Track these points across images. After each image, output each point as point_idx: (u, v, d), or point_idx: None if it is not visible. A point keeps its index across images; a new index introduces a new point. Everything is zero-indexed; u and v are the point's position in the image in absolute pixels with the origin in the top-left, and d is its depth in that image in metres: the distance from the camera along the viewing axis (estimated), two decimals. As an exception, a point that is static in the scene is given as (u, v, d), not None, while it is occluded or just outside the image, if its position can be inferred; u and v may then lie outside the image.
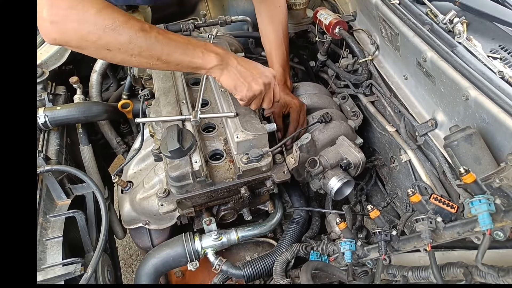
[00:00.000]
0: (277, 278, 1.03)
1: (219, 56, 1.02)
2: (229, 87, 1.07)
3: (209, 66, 1.02)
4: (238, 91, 1.07)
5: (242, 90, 1.06)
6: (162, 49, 0.95)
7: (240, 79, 1.05)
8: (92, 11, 0.86)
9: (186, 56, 0.99)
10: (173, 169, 1.02)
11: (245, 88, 1.06)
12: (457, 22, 1.05)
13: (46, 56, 1.55)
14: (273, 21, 1.43)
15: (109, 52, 0.92)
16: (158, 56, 0.96)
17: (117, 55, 0.93)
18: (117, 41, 0.90)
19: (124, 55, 0.94)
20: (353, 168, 1.20)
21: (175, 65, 1.00)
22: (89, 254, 1.15)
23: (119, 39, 0.90)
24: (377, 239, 0.87)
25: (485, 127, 0.93)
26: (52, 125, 1.31)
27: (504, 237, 0.65)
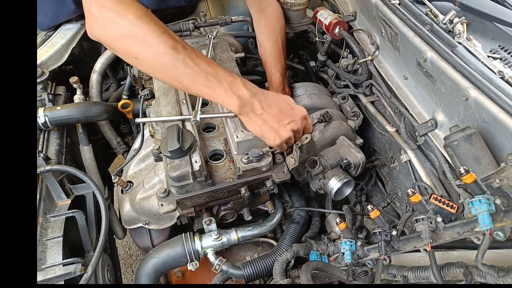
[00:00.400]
0: (277, 278, 1.03)
1: (241, 101, 0.97)
2: (256, 134, 1.03)
3: (229, 107, 0.99)
4: (266, 139, 1.03)
5: (270, 139, 1.02)
6: (185, 73, 0.93)
7: (266, 127, 1.00)
8: (131, 17, 0.88)
9: (208, 89, 0.95)
10: (173, 169, 1.02)
11: (272, 136, 1.01)
12: (457, 22, 1.05)
13: (46, 56, 1.55)
14: (273, 32, 1.44)
15: (137, 60, 0.93)
16: (180, 79, 0.94)
17: (143, 65, 0.95)
18: (145, 52, 0.91)
19: (150, 68, 0.95)
20: (353, 168, 1.20)
21: (195, 93, 0.99)
22: (89, 254, 1.15)
23: (147, 51, 0.91)
24: (377, 239, 0.87)
25: (485, 127, 0.93)
26: (52, 125, 1.31)
27: (504, 237, 0.65)
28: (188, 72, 0.93)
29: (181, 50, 0.92)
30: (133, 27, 0.89)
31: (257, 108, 0.99)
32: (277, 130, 1.01)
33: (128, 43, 0.91)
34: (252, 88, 1.01)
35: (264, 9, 1.49)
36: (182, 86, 0.97)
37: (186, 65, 0.92)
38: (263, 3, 1.51)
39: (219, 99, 0.98)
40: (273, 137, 1.01)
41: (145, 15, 0.90)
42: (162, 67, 0.93)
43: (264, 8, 1.49)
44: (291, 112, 1.03)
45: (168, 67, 0.92)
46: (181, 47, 0.92)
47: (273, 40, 1.43)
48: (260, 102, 0.99)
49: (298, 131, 1.07)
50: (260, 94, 1.01)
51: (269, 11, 1.49)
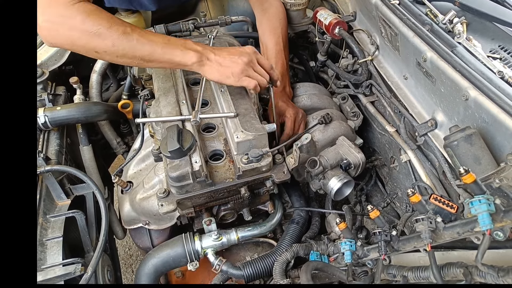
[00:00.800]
0: (277, 278, 1.03)
1: (197, 53, 1.07)
2: (215, 79, 1.12)
3: (189, 63, 1.08)
4: (225, 78, 1.11)
5: (229, 77, 1.10)
6: (143, 49, 1.03)
7: (222, 68, 1.09)
8: (79, 18, 0.96)
9: (166, 54, 1.05)
10: (173, 169, 1.02)
11: (229, 73, 1.09)
12: (457, 22, 1.05)
13: (46, 56, 1.55)
14: (274, 32, 1.46)
15: (98, 54, 1.03)
16: (140, 56, 1.04)
17: (104, 56, 1.04)
18: (102, 45, 1.00)
19: (111, 56, 1.03)
20: (353, 169, 1.20)
21: (158, 63, 1.07)
22: (89, 254, 1.15)
23: (104, 43, 0.99)
24: (377, 239, 0.87)
25: (485, 127, 0.93)
26: (52, 125, 1.31)
27: (504, 237, 0.65)
28: (144, 48, 1.03)
29: (131, 32, 1.01)
30: (84, 28, 0.97)
31: (211, 55, 1.09)
32: (230, 66, 1.09)
33: (84, 42, 0.99)
34: (201, 43, 1.13)
35: (267, 9, 1.51)
36: (145, 61, 1.06)
37: (140, 42, 1.02)
38: (266, 4, 1.52)
39: (178, 59, 1.07)
40: (230, 73, 1.09)
41: (91, 13, 0.98)
42: (122, 53, 1.02)
43: (267, 9, 1.51)
44: (240, 50, 1.14)
45: (126, 51, 1.02)
46: (130, 30, 1.01)
47: (274, 40, 1.44)
48: (212, 50, 1.11)
49: (252, 62, 1.12)
50: (208, 46, 1.15)
51: (271, 11, 1.50)
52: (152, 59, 1.05)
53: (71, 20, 0.96)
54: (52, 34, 1.00)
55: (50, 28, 0.98)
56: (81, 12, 0.97)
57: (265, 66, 1.17)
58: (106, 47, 1.00)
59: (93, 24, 0.97)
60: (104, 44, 0.99)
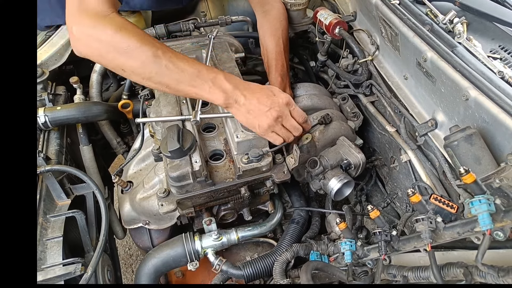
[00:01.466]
0: (277, 278, 1.03)
1: (225, 94, 1.01)
2: (243, 123, 1.07)
3: (216, 102, 1.03)
4: (251, 127, 1.05)
5: (255, 127, 1.04)
6: (171, 77, 0.98)
7: (249, 116, 1.03)
8: (110, 31, 0.92)
9: (194, 88, 1.00)
10: (173, 169, 1.02)
11: (256, 124, 1.03)
12: (457, 22, 1.05)
13: (46, 56, 1.55)
14: (275, 34, 1.45)
15: (125, 72, 0.99)
16: (167, 83, 0.99)
17: (131, 76, 1.00)
18: (129, 63, 0.96)
19: (138, 77, 0.99)
20: (354, 169, 1.20)
21: (184, 94, 1.04)
22: (89, 254, 1.15)
23: (131, 63, 0.95)
24: (377, 239, 0.87)
25: (485, 127, 0.93)
26: (52, 125, 1.31)
27: (504, 237, 0.65)
28: (172, 76, 0.97)
29: (162, 56, 0.96)
30: (114, 42, 0.93)
31: (240, 98, 1.02)
32: (258, 117, 1.03)
33: (112, 57, 0.96)
34: (234, 80, 1.04)
35: (268, 11, 1.50)
36: (170, 89, 1.01)
37: (170, 69, 0.96)
38: (267, 6, 1.52)
39: (205, 96, 1.01)
40: (257, 125, 1.03)
41: (123, 27, 0.94)
42: (148, 75, 0.97)
43: (268, 11, 1.51)
44: (272, 99, 1.04)
45: (153, 75, 0.97)
46: (161, 53, 0.96)
47: (275, 42, 1.44)
48: (242, 92, 1.02)
49: (282, 118, 1.06)
50: (242, 85, 1.05)
51: (272, 13, 1.50)
52: (178, 88, 1.00)
53: (102, 32, 0.93)
54: (82, 44, 0.97)
55: (81, 39, 0.95)
56: (113, 25, 0.93)
57: (298, 119, 1.10)
58: (133, 67, 0.96)
59: (123, 41, 0.93)
60: (131, 63, 0.95)
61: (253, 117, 1.03)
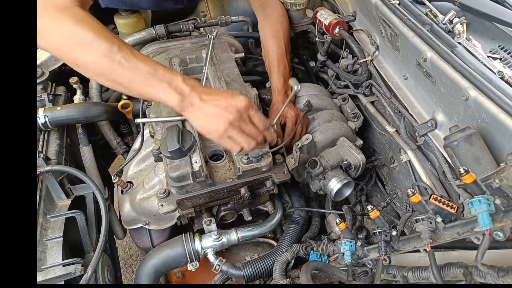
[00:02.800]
0: (277, 278, 1.03)
1: (181, 96, 0.93)
2: (200, 130, 0.99)
3: (170, 105, 0.95)
4: (207, 132, 0.98)
5: (210, 133, 0.97)
6: (123, 75, 0.92)
7: (206, 118, 0.95)
8: (69, 23, 0.89)
9: (147, 87, 0.93)
10: (173, 169, 1.02)
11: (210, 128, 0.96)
12: (457, 22, 1.05)
13: (46, 56, 1.55)
14: (277, 36, 1.46)
15: (78, 67, 0.93)
16: (119, 81, 0.93)
17: (85, 71, 0.94)
18: (83, 58, 0.91)
19: (91, 73, 0.94)
20: (354, 169, 1.20)
21: (137, 94, 0.96)
22: (89, 254, 1.15)
23: (85, 57, 0.91)
24: (377, 239, 0.87)
25: (485, 127, 0.93)
26: (52, 126, 1.31)
27: (504, 237, 0.65)
28: (125, 74, 0.92)
29: (117, 52, 0.90)
30: (70, 34, 0.90)
31: (196, 101, 0.94)
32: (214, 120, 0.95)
33: (67, 50, 0.92)
34: (192, 83, 0.96)
35: (269, 14, 1.51)
36: (123, 88, 0.95)
37: (123, 66, 0.90)
38: (268, 9, 1.52)
39: (159, 97, 0.94)
40: (213, 129, 0.96)
41: (82, 20, 0.90)
42: (101, 71, 0.92)
43: (269, 14, 1.51)
44: (229, 102, 0.95)
45: (105, 71, 0.91)
46: (116, 49, 0.90)
47: (276, 44, 1.44)
48: (199, 95, 0.95)
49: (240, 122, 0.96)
50: (200, 88, 0.97)
51: (273, 16, 1.51)
52: (131, 88, 0.94)
53: (61, 25, 0.90)
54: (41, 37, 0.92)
55: (41, 31, 0.91)
56: (72, 17, 0.90)
57: (259, 124, 1.00)
58: (86, 62, 0.91)
59: (79, 33, 0.89)
60: (85, 57, 0.91)
61: (209, 121, 0.95)
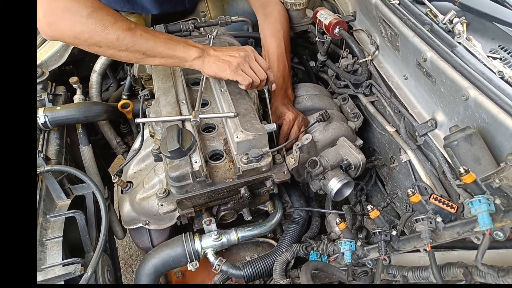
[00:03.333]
0: (277, 278, 1.03)
1: (199, 49, 1.12)
2: (213, 73, 1.14)
3: (191, 58, 1.12)
4: (222, 71, 1.13)
5: (225, 69, 1.13)
6: (146, 44, 1.06)
7: (219, 62, 1.13)
8: (84, 13, 0.98)
9: (169, 50, 1.09)
10: (173, 169, 1.02)
11: (226, 66, 1.13)
12: (457, 22, 1.05)
13: (46, 56, 1.55)
14: (277, 36, 1.47)
15: (100, 48, 1.05)
16: (143, 51, 1.07)
17: (107, 50, 1.06)
18: (106, 39, 1.02)
19: (113, 51, 1.06)
20: (354, 169, 1.20)
21: (160, 58, 1.10)
22: (89, 254, 1.15)
23: (108, 38, 1.02)
24: (377, 239, 0.87)
25: (485, 127, 0.93)
26: (52, 125, 1.31)
27: (504, 237, 0.65)
28: (148, 43, 1.06)
29: (135, 28, 1.05)
30: (88, 24, 0.99)
31: (211, 51, 1.15)
32: (228, 60, 1.14)
33: (87, 36, 1.01)
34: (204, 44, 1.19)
35: (269, 14, 1.52)
36: (147, 56, 1.09)
37: (145, 38, 1.06)
38: (268, 8, 1.53)
39: (180, 54, 1.11)
40: (227, 66, 1.13)
41: (98, 8, 1.01)
42: (126, 47, 1.05)
43: (269, 13, 1.52)
44: (238, 47, 1.22)
45: (130, 45, 1.05)
46: (133, 26, 1.05)
47: (276, 43, 1.45)
48: (212, 47, 1.17)
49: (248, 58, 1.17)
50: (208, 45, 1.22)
51: (273, 15, 1.52)
52: (154, 53, 1.08)
53: (76, 14, 0.98)
54: (53, 28, 1.01)
55: (51, 23, 0.99)
56: (86, 7, 0.99)
57: (262, 64, 1.20)
58: (109, 42, 1.02)
59: (99, 19, 1.00)
60: (108, 38, 1.02)
61: (223, 61, 1.13)
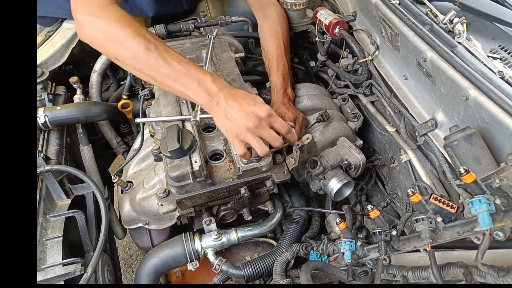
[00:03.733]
0: (277, 278, 1.03)
1: (209, 96, 1.01)
2: (219, 127, 1.04)
3: (199, 102, 1.04)
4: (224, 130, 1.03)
5: (226, 132, 1.02)
6: (159, 71, 1.01)
7: (227, 121, 1.00)
8: (110, 20, 0.99)
9: (179, 85, 1.02)
10: (173, 169, 1.02)
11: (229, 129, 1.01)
12: (457, 22, 1.05)
13: (46, 56, 1.55)
14: (276, 37, 1.47)
15: (118, 61, 1.04)
16: (154, 77, 1.03)
17: (124, 65, 1.05)
18: (122, 54, 1.01)
19: (129, 67, 1.05)
20: (354, 169, 1.20)
21: (169, 89, 1.06)
22: (89, 254, 1.15)
23: (124, 53, 1.01)
24: (377, 239, 0.87)
25: (485, 127, 0.93)
26: (52, 125, 1.31)
27: (504, 237, 0.65)
28: (161, 70, 1.01)
29: (154, 50, 1.00)
30: (111, 32, 1.00)
31: (222, 101, 1.01)
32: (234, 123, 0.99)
33: (108, 45, 1.02)
34: (220, 84, 1.04)
35: (268, 15, 1.52)
36: (158, 83, 1.05)
37: (159, 64, 1.00)
38: (267, 10, 1.54)
39: (189, 95, 1.03)
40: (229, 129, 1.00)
41: (122, 18, 1.00)
42: (140, 67, 1.02)
43: (268, 15, 1.53)
44: (252, 109, 0.99)
45: (144, 66, 1.01)
46: (153, 47, 1.00)
47: (276, 44, 1.45)
48: (225, 96, 1.01)
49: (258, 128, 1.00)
50: (227, 89, 1.03)
51: (272, 17, 1.52)
52: (165, 83, 1.03)
53: (100, 21, 0.99)
54: (84, 31, 1.03)
55: (81, 25, 1.02)
56: (112, 15, 1.00)
57: (281, 130, 1.05)
58: (125, 57, 1.01)
59: (118, 30, 0.99)
60: (124, 53, 1.01)
61: (229, 123, 1.00)
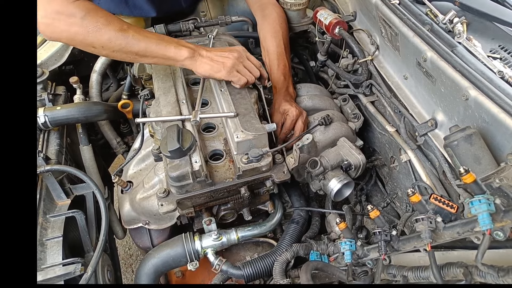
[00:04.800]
0: (277, 278, 1.03)
1: (190, 49, 1.15)
2: (207, 73, 1.19)
3: (181, 58, 1.15)
4: (216, 71, 1.18)
5: (220, 70, 1.17)
6: (138, 45, 1.10)
7: (213, 63, 1.17)
8: (79, 15, 1.03)
9: (160, 50, 1.12)
10: (173, 169, 1.02)
11: (220, 67, 1.17)
12: (457, 22, 1.05)
13: (46, 56, 1.55)
14: (276, 36, 1.48)
15: (95, 49, 1.09)
16: (135, 51, 1.11)
17: (101, 51, 1.10)
18: (100, 40, 1.06)
19: (107, 51, 1.10)
20: (354, 170, 1.20)
21: (151, 58, 1.14)
22: (89, 254, 1.15)
23: (101, 39, 1.06)
24: (377, 239, 0.87)
25: (485, 127, 0.93)
26: (52, 125, 1.31)
27: (504, 237, 0.65)
28: (140, 44, 1.10)
29: (127, 29, 1.09)
30: (82, 26, 1.04)
31: (203, 52, 1.18)
32: (222, 61, 1.18)
33: (82, 37, 1.06)
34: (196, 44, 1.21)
35: (268, 15, 1.53)
36: (140, 56, 1.12)
37: (136, 38, 1.09)
38: (266, 11, 1.55)
39: (172, 54, 1.14)
40: (221, 67, 1.17)
41: (92, 10, 1.05)
42: (118, 48, 1.09)
43: (267, 15, 1.54)
44: (230, 48, 1.25)
45: (122, 46, 1.08)
46: (126, 27, 1.09)
47: (276, 43, 1.47)
48: (204, 48, 1.20)
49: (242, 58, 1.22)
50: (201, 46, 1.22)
51: (272, 17, 1.53)
52: (146, 54, 1.11)
53: (69, 17, 1.02)
54: (50, 30, 1.05)
55: (48, 24, 1.04)
56: (80, 10, 1.03)
57: (255, 63, 1.25)
58: (103, 43, 1.06)
59: (92, 22, 1.04)
60: (101, 40, 1.06)
61: (217, 62, 1.17)
